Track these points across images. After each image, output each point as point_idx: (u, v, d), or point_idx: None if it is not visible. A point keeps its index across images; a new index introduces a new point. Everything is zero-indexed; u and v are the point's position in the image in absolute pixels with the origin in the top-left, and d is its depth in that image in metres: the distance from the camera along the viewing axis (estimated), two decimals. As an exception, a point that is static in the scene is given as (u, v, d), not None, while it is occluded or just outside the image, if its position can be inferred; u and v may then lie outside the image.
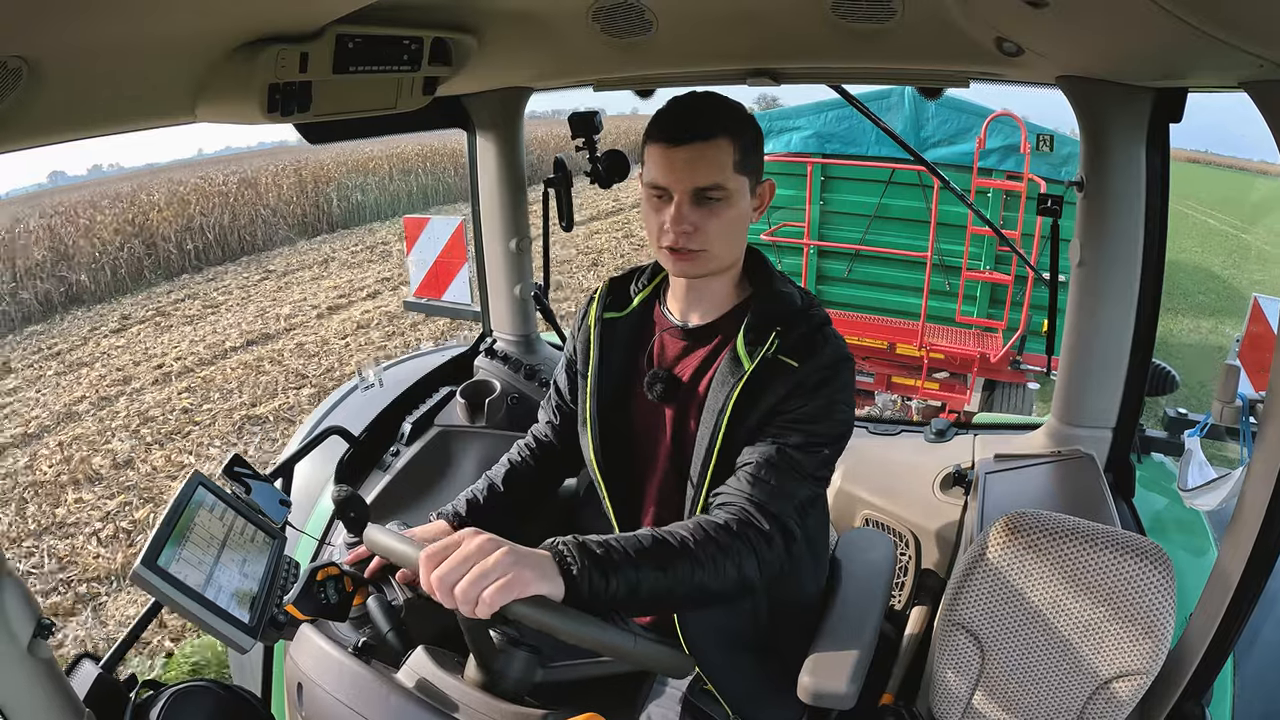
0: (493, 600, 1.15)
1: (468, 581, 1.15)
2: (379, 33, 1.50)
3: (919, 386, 6.52)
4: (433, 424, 2.61)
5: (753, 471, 1.49)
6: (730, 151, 1.50)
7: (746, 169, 1.53)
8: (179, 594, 1.26)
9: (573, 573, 1.24)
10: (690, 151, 1.49)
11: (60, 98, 1.08)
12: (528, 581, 1.18)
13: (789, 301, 1.61)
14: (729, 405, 1.53)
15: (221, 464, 1.62)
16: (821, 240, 7.26)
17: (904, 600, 2.56)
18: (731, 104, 1.56)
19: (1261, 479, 1.42)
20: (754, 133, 1.56)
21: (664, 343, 1.71)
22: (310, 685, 1.37)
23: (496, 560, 1.17)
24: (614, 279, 1.83)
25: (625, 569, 1.29)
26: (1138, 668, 1.52)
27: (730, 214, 1.53)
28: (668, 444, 1.69)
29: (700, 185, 1.50)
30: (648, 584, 1.31)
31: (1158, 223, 2.03)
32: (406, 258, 4.75)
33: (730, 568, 1.39)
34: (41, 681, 1.30)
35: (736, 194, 1.53)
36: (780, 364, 1.53)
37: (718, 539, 1.40)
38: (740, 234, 1.59)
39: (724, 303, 1.67)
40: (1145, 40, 1.32)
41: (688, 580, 1.35)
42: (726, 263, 1.61)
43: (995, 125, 6.20)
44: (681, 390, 1.66)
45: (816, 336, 1.56)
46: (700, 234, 1.52)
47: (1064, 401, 2.29)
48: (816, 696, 1.56)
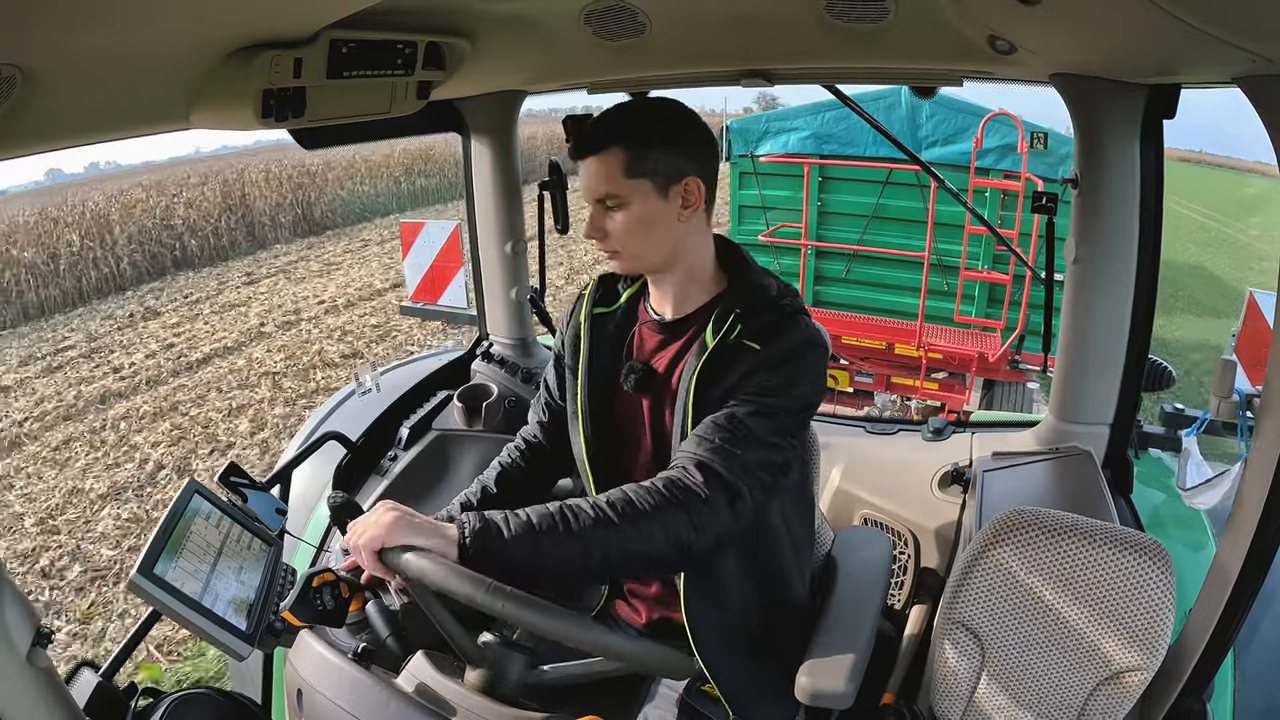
0: (366, 545, 1.31)
1: (353, 534, 1.35)
2: (372, 37, 1.50)
3: (918, 386, 6.51)
4: (430, 428, 2.61)
5: (698, 433, 1.49)
6: (619, 160, 1.54)
7: (641, 173, 1.55)
8: (176, 602, 1.26)
9: (464, 535, 1.32)
10: (588, 165, 1.57)
11: (55, 105, 1.08)
12: (396, 529, 1.31)
13: (762, 291, 1.62)
14: (692, 386, 1.54)
15: (233, 462, 1.63)
16: (819, 241, 7.25)
17: (904, 599, 2.56)
18: (627, 113, 1.62)
19: (1259, 473, 1.42)
20: (653, 136, 1.57)
21: (642, 335, 1.74)
22: (310, 691, 1.37)
23: (377, 513, 1.34)
24: (604, 276, 1.84)
25: (522, 536, 1.32)
26: (1138, 664, 1.52)
27: (628, 217, 1.57)
28: (647, 435, 1.70)
29: (598, 195, 1.58)
30: (551, 549, 1.33)
31: (1152, 218, 2.03)
32: (402, 262, 4.75)
33: (655, 529, 1.38)
34: (41, 690, 1.29)
35: (632, 198, 1.56)
36: (743, 346, 1.54)
37: (640, 501, 1.40)
38: (653, 234, 1.60)
39: (696, 296, 1.68)
40: (1138, 37, 1.32)
41: (601, 544, 1.35)
42: (654, 259, 1.63)
43: (992, 125, 6.20)
44: (656, 381, 1.68)
45: (785, 323, 1.57)
46: (610, 237, 1.59)
47: (1061, 398, 2.29)
48: (814, 696, 1.56)
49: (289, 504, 2.09)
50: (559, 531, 1.33)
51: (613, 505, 1.38)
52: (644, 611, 1.81)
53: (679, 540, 1.39)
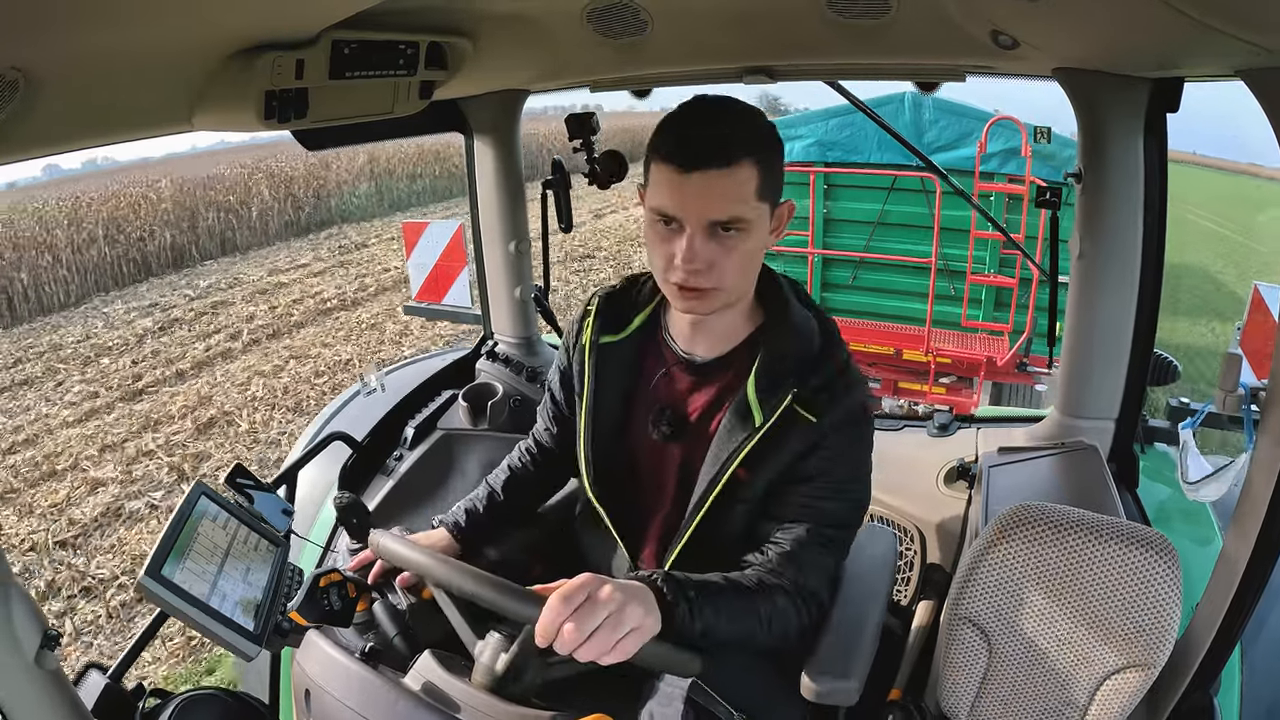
0: (626, 649, 1.16)
1: (606, 630, 1.14)
2: (374, 38, 1.50)
3: (926, 391, 6.51)
4: (435, 428, 2.61)
5: (792, 551, 1.47)
6: (753, 177, 1.32)
7: (769, 194, 1.37)
8: (184, 603, 1.27)
9: (668, 601, 1.26)
10: (707, 179, 1.30)
11: (57, 109, 1.09)
12: (651, 628, 1.20)
13: (806, 340, 1.49)
14: (738, 458, 1.45)
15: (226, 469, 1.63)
16: (826, 248, 7.25)
17: (910, 595, 2.56)
18: (754, 117, 1.38)
19: (1266, 467, 1.42)
20: (776, 148, 1.41)
21: (672, 377, 1.60)
22: (318, 691, 1.37)
23: (630, 610, 1.17)
24: (609, 294, 1.69)
25: (707, 612, 1.31)
26: (1145, 659, 1.52)
27: (748, 247, 1.37)
28: (673, 482, 1.62)
29: (717, 219, 1.33)
30: (720, 629, 1.34)
31: (1156, 213, 2.03)
32: (406, 262, 4.76)
33: (779, 627, 1.43)
34: (49, 692, 1.30)
35: (757, 224, 1.36)
36: (796, 416, 1.43)
37: (776, 601, 1.42)
38: (757, 265, 1.45)
39: (734, 334, 1.55)
40: (1141, 30, 1.32)
41: (748, 632, 1.39)
42: (738, 296, 1.46)
43: (996, 129, 6.20)
44: (689, 429, 1.57)
45: (837, 385, 1.45)
46: (715, 271, 1.36)
47: (1066, 393, 2.29)
48: (820, 694, 1.56)
49: (295, 505, 2.10)
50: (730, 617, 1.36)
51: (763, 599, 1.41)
52: None
53: (787, 640, 1.48)
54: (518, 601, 1.26)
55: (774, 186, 1.38)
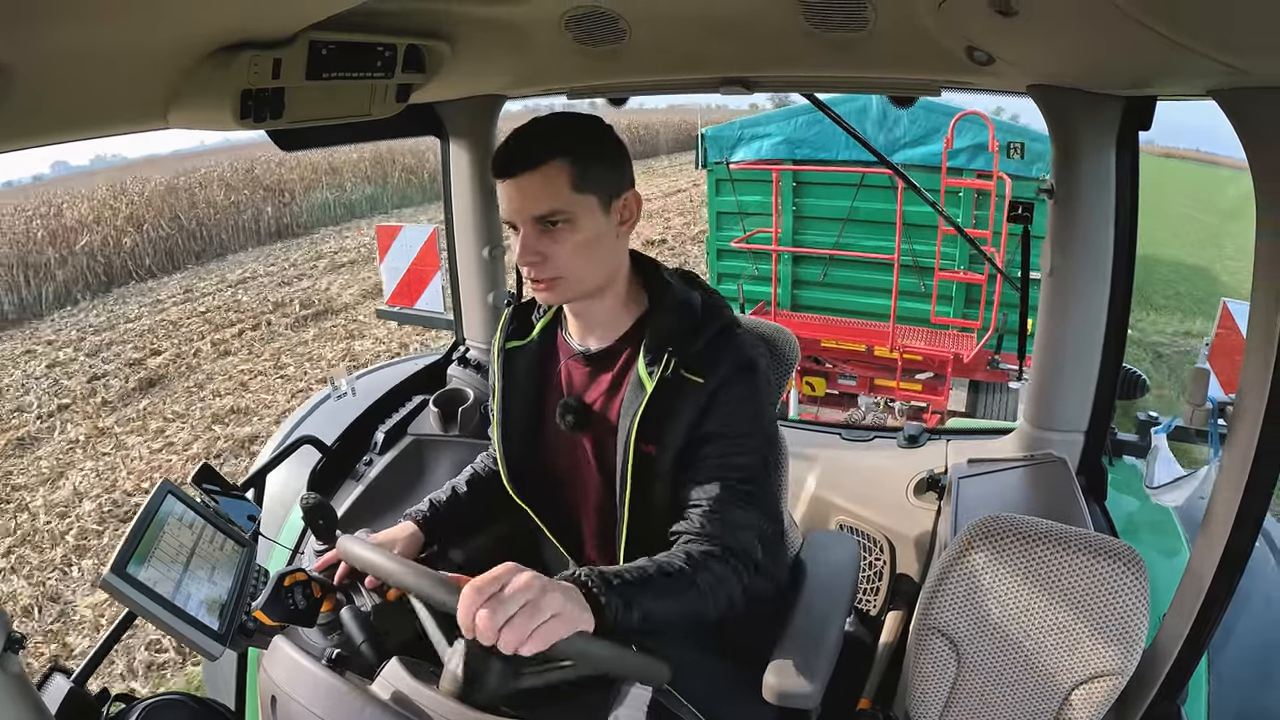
0: (545, 638, 1.13)
1: (521, 619, 1.12)
2: (352, 39, 1.49)
3: (895, 388, 6.55)
4: (406, 433, 2.59)
5: (710, 511, 1.48)
6: (566, 173, 1.46)
7: (589, 187, 1.48)
8: (148, 601, 1.25)
9: (600, 603, 1.24)
10: (523, 181, 1.46)
11: (30, 103, 1.07)
12: (575, 618, 1.18)
13: (687, 313, 1.57)
14: (633, 430, 1.51)
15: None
16: (796, 245, 7.29)
17: (879, 605, 2.57)
18: (570, 123, 1.52)
19: (1232, 480, 1.44)
20: (601, 148, 1.52)
21: (569, 370, 1.69)
22: (284, 698, 1.35)
23: (549, 598, 1.15)
24: (517, 306, 1.80)
25: (643, 599, 1.30)
26: (1112, 668, 1.54)
27: (578, 237, 1.48)
28: (594, 473, 1.67)
29: (538, 213, 1.47)
30: (660, 612, 1.33)
31: (1127, 229, 2.06)
32: (379, 266, 4.73)
33: (722, 594, 1.42)
34: (12, 696, 1.28)
35: (581, 215, 1.48)
36: (684, 380, 1.50)
37: (711, 568, 1.42)
38: (597, 254, 1.53)
39: (619, 322, 1.63)
40: (1115, 49, 1.33)
41: (691, 608, 1.38)
42: (592, 284, 1.56)
43: (962, 125, 6.22)
44: (594, 418, 1.64)
45: (717, 343, 1.54)
46: (551, 261, 1.49)
47: (1036, 406, 2.31)
48: (781, 695, 1.57)
49: (263, 509, 2.07)
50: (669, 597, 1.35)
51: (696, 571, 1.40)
52: None
53: (733, 605, 1.46)
54: (439, 591, 1.26)
55: (598, 182, 1.49)
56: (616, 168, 1.54)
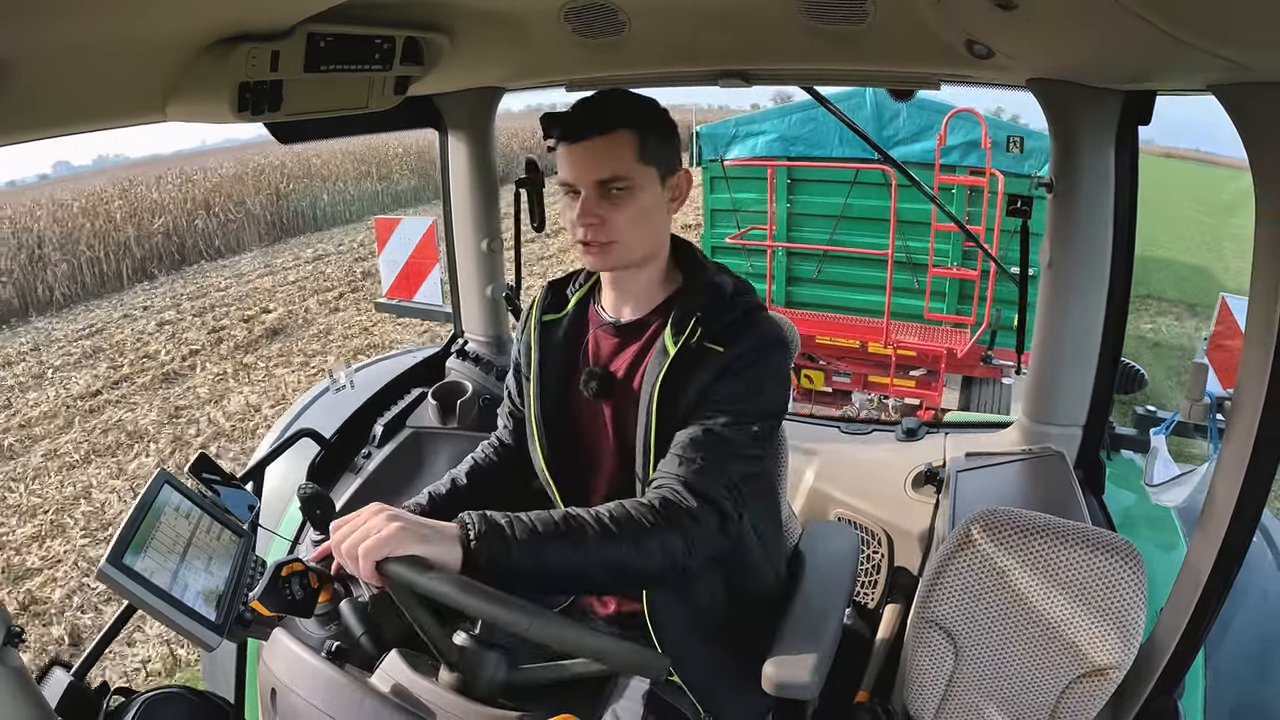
0: (365, 555, 1.22)
1: (350, 541, 1.24)
2: (350, 31, 1.49)
3: (889, 384, 6.55)
4: (404, 425, 2.59)
5: (679, 452, 1.49)
6: (632, 143, 1.51)
7: (651, 159, 1.54)
8: (145, 592, 1.25)
9: (469, 540, 1.27)
10: (590, 145, 1.51)
11: (29, 97, 1.07)
12: (401, 540, 1.23)
13: (717, 291, 1.61)
14: (655, 393, 1.54)
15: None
16: (790, 242, 7.29)
17: (877, 598, 2.58)
18: (634, 98, 1.58)
19: (1230, 474, 1.44)
20: (660, 125, 1.58)
21: (597, 340, 1.72)
22: (284, 690, 1.35)
23: (379, 522, 1.25)
24: (553, 282, 1.83)
25: (527, 541, 1.30)
26: (1110, 662, 1.54)
27: (636, 204, 1.53)
28: (611, 441, 1.69)
29: (602, 177, 1.51)
30: (555, 558, 1.32)
31: (1126, 223, 2.05)
32: (378, 258, 4.72)
33: (655, 547, 1.39)
34: (12, 690, 1.28)
35: (642, 184, 1.53)
36: (705, 350, 1.53)
37: (640, 518, 1.40)
38: (651, 224, 1.59)
39: (653, 296, 1.67)
40: (1114, 43, 1.33)
41: (603, 557, 1.36)
42: (640, 253, 1.60)
43: (955, 121, 6.22)
44: (617, 386, 1.66)
45: (744, 322, 1.57)
46: (608, 225, 1.53)
47: (1034, 400, 2.31)
48: (780, 687, 1.57)
49: (262, 501, 2.07)
50: (564, 542, 1.33)
51: (615, 520, 1.38)
52: (612, 603, 1.81)
53: (675, 560, 1.41)
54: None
55: (658, 155, 1.56)
56: (672, 147, 1.60)
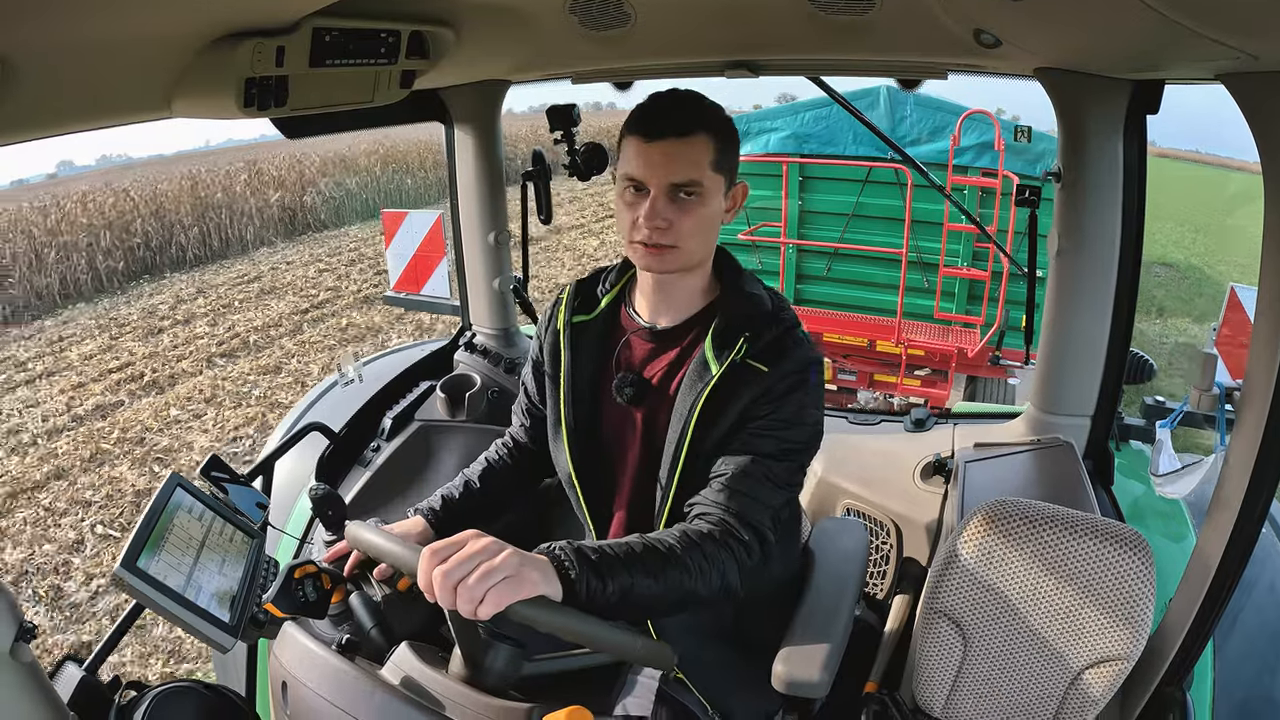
0: (498, 600, 1.14)
1: (474, 580, 1.14)
2: (356, 26, 1.49)
3: (899, 383, 6.54)
4: (413, 419, 2.60)
5: (730, 483, 1.50)
6: (708, 149, 1.49)
7: (722, 168, 1.52)
8: (159, 595, 1.26)
9: (570, 576, 1.25)
10: (668, 146, 1.48)
11: (34, 94, 1.07)
12: (534, 582, 1.18)
13: (758, 304, 1.60)
14: (696, 409, 1.52)
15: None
16: (801, 239, 7.28)
17: (886, 589, 2.58)
18: (711, 102, 1.55)
19: (1240, 465, 1.44)
20: (732, 133, 1.56)
21: (632, 345, 1.70)
22: (295, 684, 1.36)
23: (503, 560, 1.16)
24: (580, 281, 1.81)
25: (620, 574, 1.30)
26: (1118, 653, 1.54)
27: (704, 211, 1.51)
28: (638, 447, 1.67)
29: (676, 181, 1.48)
30: (640, 589, 1.33)
31: (1135, 213, 2.05)
32: (385, 251, 4.73)
33: (715, 575, 1.42)
34: (25, 685, 1.28)
35: (712, 192, 1.52)
36: (749, 369, 1.52)
37: (704, 547, 1.42)
38: (712, 232, 1.58)
39: (693, 303, 1.66)
40: (1123, 32, 1.32)
41: (677, 586, 1.37)
42: (696, 260, 1.59)
43: (969, 123, 6.21)
44: (651, 393, 1.65)
45: (786, 340, 1.56)
46: (674, 230, 1.50)
47: (1043, 390, 2.30)
48: (790, 685, 1.57)
49: (272, 496, 2.08)
50: (646, 575, 1.35)
51: (686, 550, 1.40)
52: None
53: (727, 585, 1.45)
54: (405, 555, 1.28)
55: (728, 164, 1.55)
56: (737, 157, 1.59)
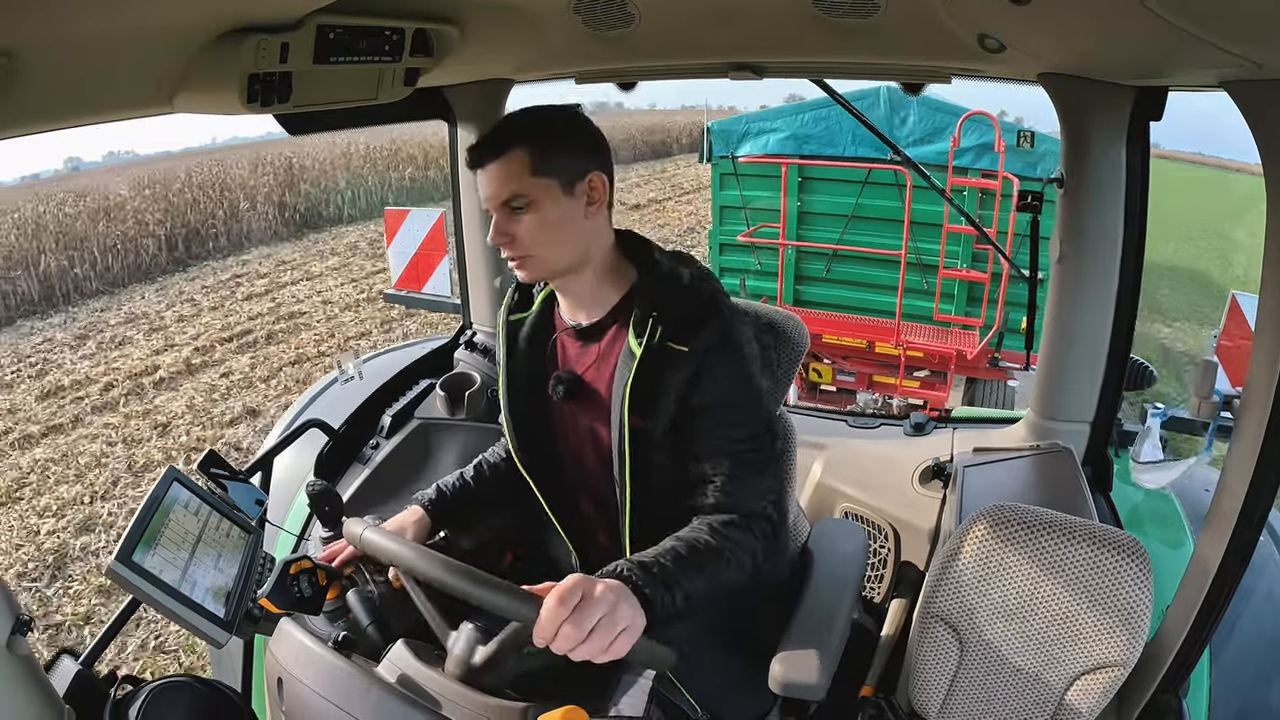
0: (620, 649, 1.21)
1: (599, 634, 1.19)
2: (360, 23, 1.49)
3: (898, 385, 6.54)
4: (413, 417, 2.60)
5: (719, 484, 1.54)
6: (524, 160, 1.52)
7: (546, 171, 1.54)
8: (154, 589, 1.26)
9: (647, 595, 1.29)
10: (490, 170, 1.55)
11: (38, 89, 1.07)
12: (638, 624, 1.24)
13: (672, 283, 1.61)
14: (625, 396, 1.54)
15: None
16: (800, 240, 7.27)
17: (883, 593, 2.57)
18: (530, 114, 1.60)
19: (1238, 472, 1.44)
20: (554, 135, 1.58)
21: (563, 343, 1.73)
22: (291, 680, 1.36)
23: (619, 611, 1.22)
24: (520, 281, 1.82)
25: (679, 580, 1.36)
26: (1114, 659, 1.54)
27: (538, 217, 1.54)
28: (587, 444, 1.71)
29: (503, 198, 1.54)
30: (696, 590, 1.39)
31: (1137, 219, 2.05)
32: (387, 249, 4.73)
33: (746, 557, 1.49)
34: (21, 679, 1.29)
35: (541, 198, 1.54)
36: (669, 350, 1.54)
37: (730, 535, 1.48)
38: (562, 234, 1.58)
39: (605, 298, 1.67)
40: (1127, 38, 1.32)
41: (718, 577, 1.44)
42: (564, 262, 1.61)
43: (969, 124, 6.20)
44: (584, 389, 1.68)
45: (700, 313, 1.57)
46: (517, 241, 1.56)
47: (1043, 396, 2.30)
48: (787, 686, 1.57)
49: (270, 492, 2.08)
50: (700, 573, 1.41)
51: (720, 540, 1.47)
52: None
53: (757, 566, 1.53)
54: (515, 601, 1.24)
55: (554, 166, 1.55)
56: (580, 152, 1.59)
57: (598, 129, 1.63)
